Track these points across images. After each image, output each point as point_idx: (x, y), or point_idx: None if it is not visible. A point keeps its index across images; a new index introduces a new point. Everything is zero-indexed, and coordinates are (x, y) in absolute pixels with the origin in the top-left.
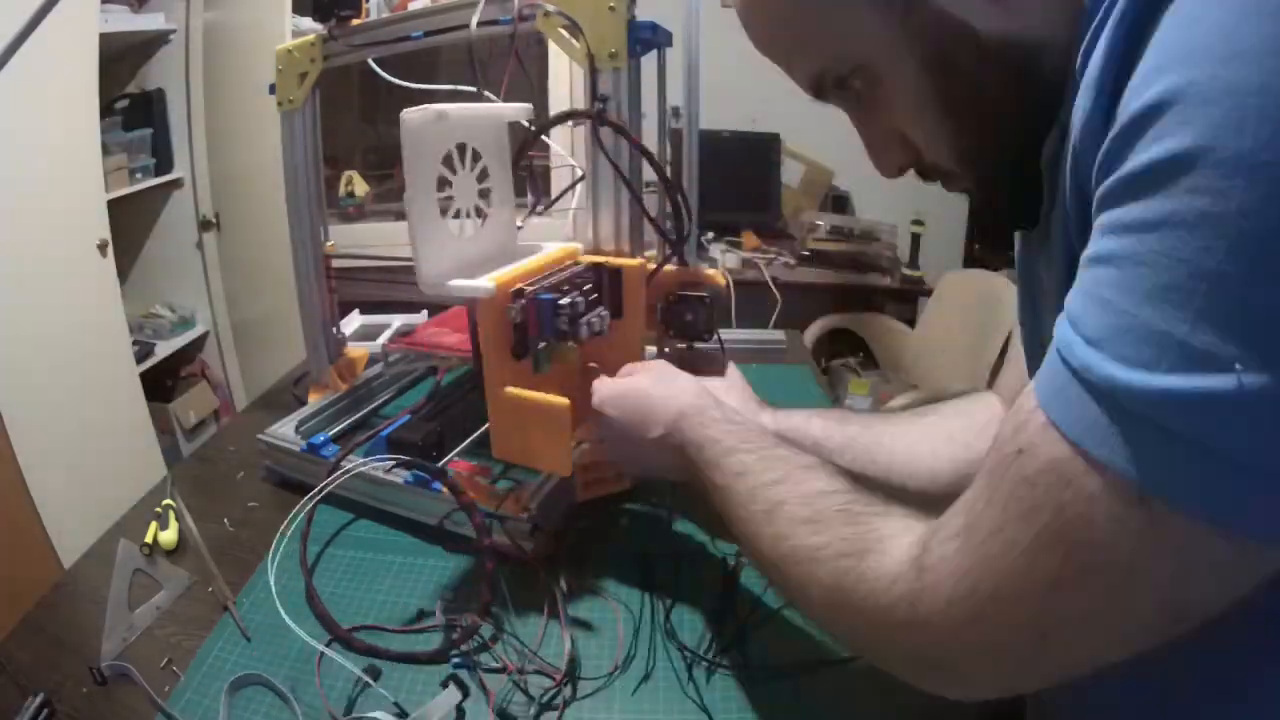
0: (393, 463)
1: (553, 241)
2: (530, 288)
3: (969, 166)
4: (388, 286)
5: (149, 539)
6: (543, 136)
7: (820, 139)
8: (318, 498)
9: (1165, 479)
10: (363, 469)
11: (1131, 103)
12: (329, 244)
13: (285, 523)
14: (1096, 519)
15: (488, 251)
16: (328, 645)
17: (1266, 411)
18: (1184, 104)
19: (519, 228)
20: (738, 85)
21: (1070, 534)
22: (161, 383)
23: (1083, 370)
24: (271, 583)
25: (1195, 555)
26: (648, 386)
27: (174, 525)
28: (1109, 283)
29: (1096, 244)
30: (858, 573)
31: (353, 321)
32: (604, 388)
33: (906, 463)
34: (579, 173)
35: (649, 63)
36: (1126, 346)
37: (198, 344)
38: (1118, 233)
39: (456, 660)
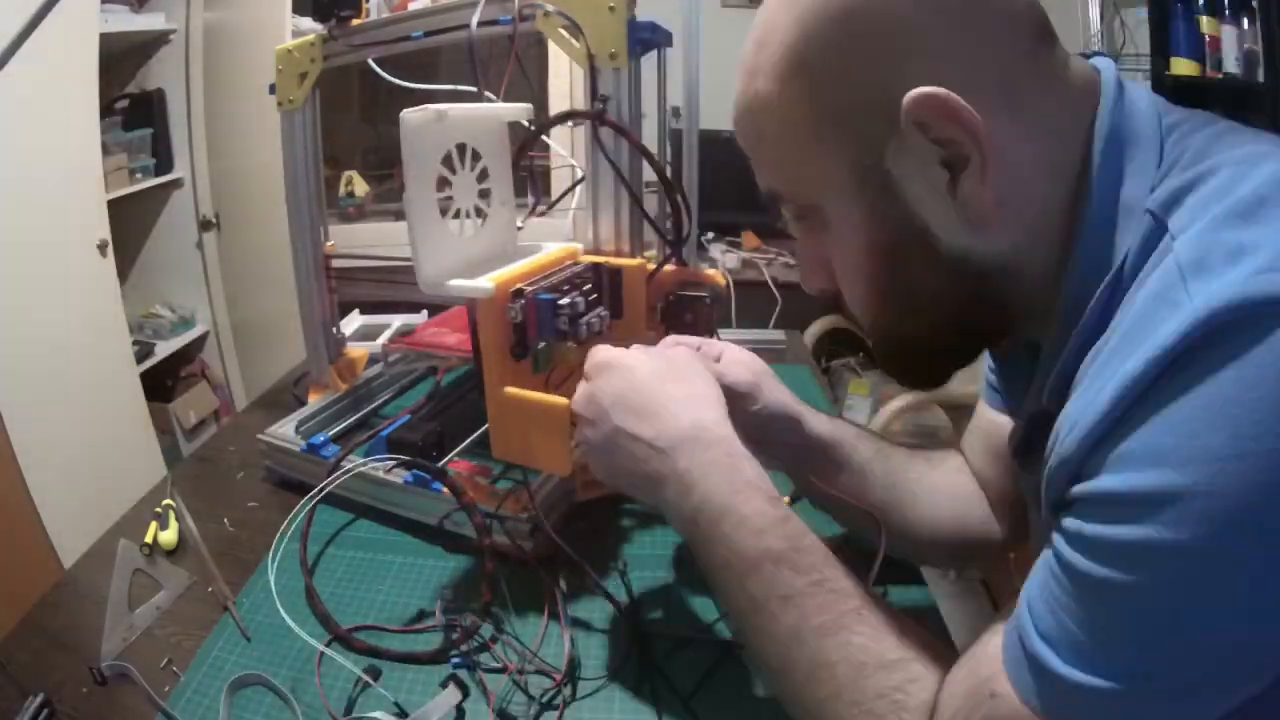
0: (393, 463)
1: (553, 241)
2: (530, 288)
3: (877, 337)
4: (388, 286)
5: (149, 539)
6: (542, 136)
7: None
8: (318, 498)
9: None
10: (363, 469)
11: (1121, 474)
12: (329, 244)
13: (285, 523)
14: None
15: (488, 251)
16: (328, 645)
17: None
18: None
19: (519, 228)
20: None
21: None
22: (161, 383)
23: (1034, 656)
24: (271, 583)
25: None
26: (648, 374)
27: (174, 525)
28: (1062, 599)
29: (1062, 546)
30: None
31: (353, 321)
32: (597, 356)
33: (922, 507)
34: (579, 173)
35: (649, 63)
36: (1066, 651)
37: (198, 344)
38: (1080, 550)
39: (456, 660)
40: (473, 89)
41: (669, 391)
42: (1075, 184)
